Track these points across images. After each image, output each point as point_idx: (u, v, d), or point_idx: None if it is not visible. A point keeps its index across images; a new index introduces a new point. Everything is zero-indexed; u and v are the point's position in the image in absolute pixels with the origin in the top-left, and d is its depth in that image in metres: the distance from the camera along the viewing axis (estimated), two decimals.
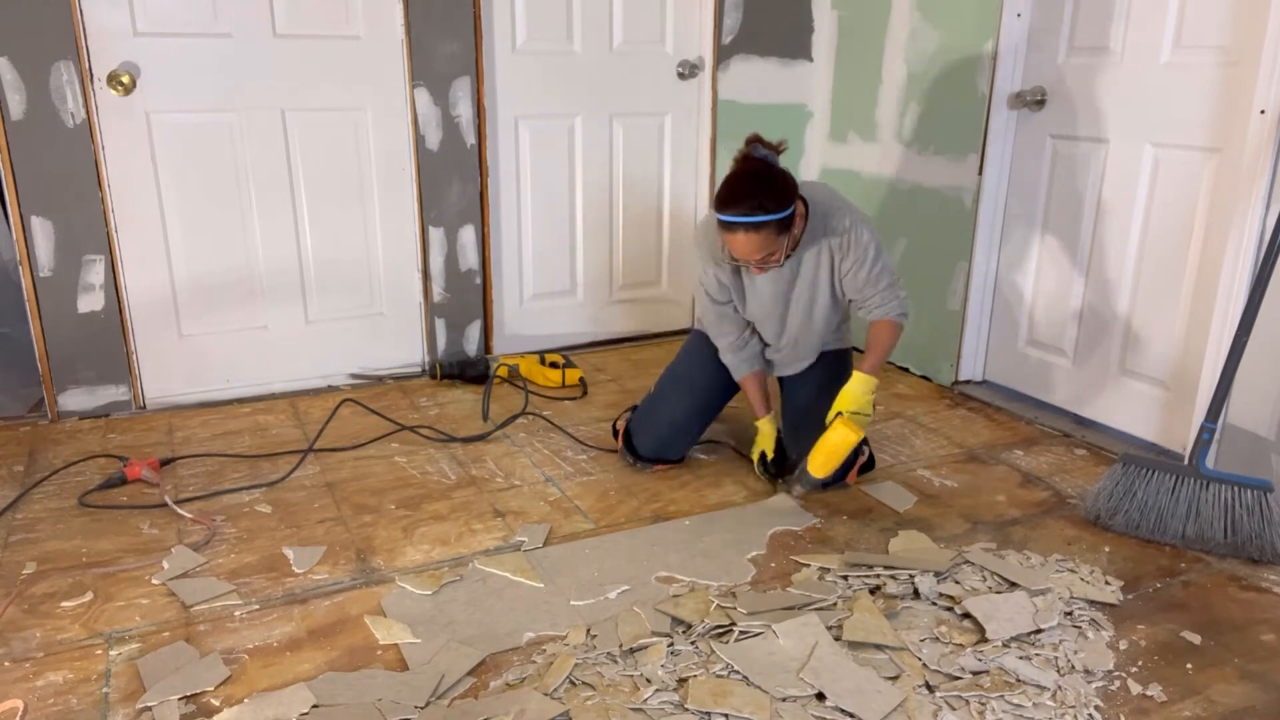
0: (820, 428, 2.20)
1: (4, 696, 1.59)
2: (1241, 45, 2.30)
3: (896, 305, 2.25)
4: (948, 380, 3.17)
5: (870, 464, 2.46)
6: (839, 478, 2.33)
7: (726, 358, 2.42)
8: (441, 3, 2.93)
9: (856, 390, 2.15)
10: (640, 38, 3.30)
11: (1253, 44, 2.26)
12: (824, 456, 2.16)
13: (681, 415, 2.45)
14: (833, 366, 2.44)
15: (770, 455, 2.40)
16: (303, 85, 2.86)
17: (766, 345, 2.45)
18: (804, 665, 1.66)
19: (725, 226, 2.04)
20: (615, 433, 2.60)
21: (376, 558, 2.05)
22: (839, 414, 2.15)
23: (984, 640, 1.75)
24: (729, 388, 2.49)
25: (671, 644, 1.73)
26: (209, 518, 2.20)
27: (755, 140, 2.09)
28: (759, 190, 2.00)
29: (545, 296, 3.39)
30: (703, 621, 1.79)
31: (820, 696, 1.59)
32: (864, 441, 2.37)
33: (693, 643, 1.74)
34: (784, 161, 3.83)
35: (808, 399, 2.39)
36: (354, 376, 3.14)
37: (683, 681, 1.62)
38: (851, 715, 1.55)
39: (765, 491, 2.38)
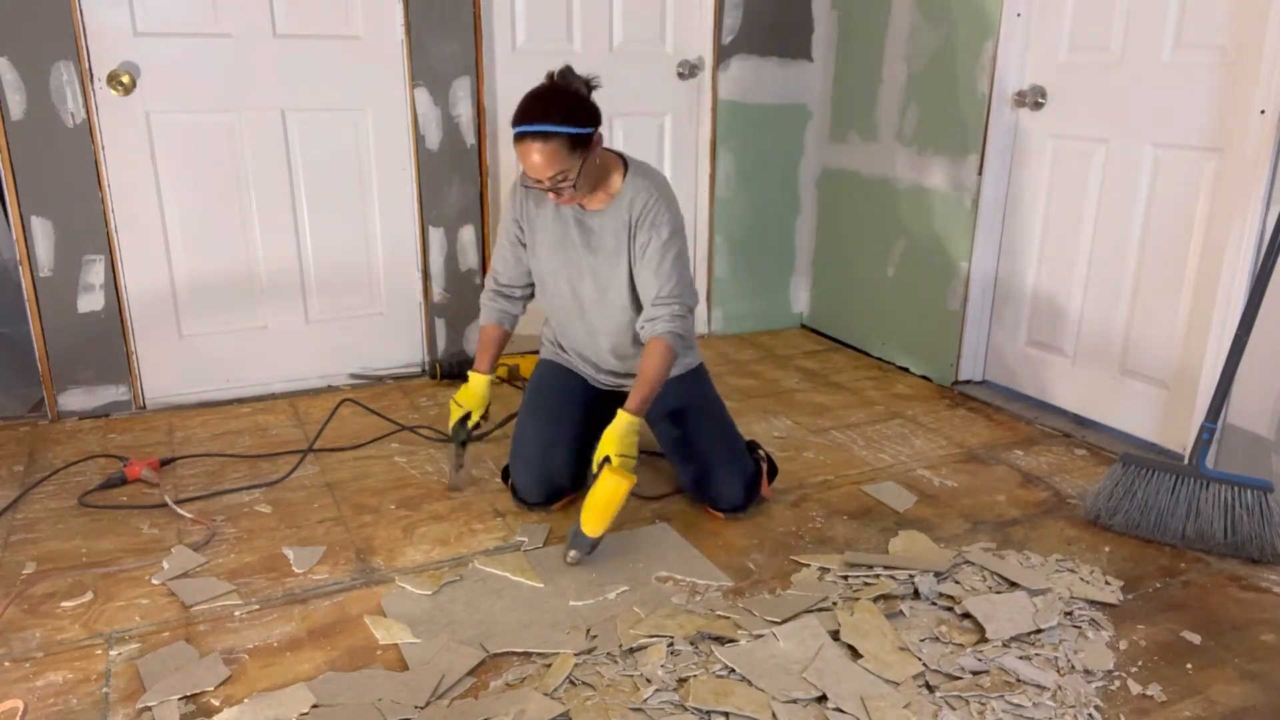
0: (714, 451, 2.15)
1: (4, 696, 1.59)
2: (1241, 45, 2.30)
3: (666, 320, 2.07)
4: (948, 380, 3.17)
5: (774, 468, 2.31)
6: (748, 500, 2.20)
7: (484, 297, 2.32)
8: (441, 3, 2.93)
9: (619, 431, 1.98)
10: (640, 38, 3.30)
11: (1253, 44, 2.26)
12: (597, 514, 1.93)
13: (550, 431, 2.23)
14: (689, 391, 2.25)
15: (475, 419, 2.26)
16: (303, 85, 2.86)
17: (566, 331, 2.29)
18: (806, 667, 1.66)
19: (516, 140, 1.98)
20: (506, 477, 2.35)
21: (376, 558, 2.05)
22: (605, 460, 1.96)
23: (984, 640, 1.75)
24: (591, 398, 2.31)
25: (671, 644, 1.73)
26: (209, 518, 2.19)
27: (567, 68, 2.04)
28: (551, 103, 1.96)
29: None
30: (697, 633, 1.79)
31: (822, 699, 1.59)
32: (758, 447, 2.28)
33: (693, 643, 1.74)
34: (783, 161, 3.87)
35: (677, 434, 2.22)
36: (354, 376, 3.14)
37: (682, 682, 1.62)
38: (854, 718, 1.55)
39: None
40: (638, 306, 2.19)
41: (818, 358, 3.49)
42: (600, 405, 2.28)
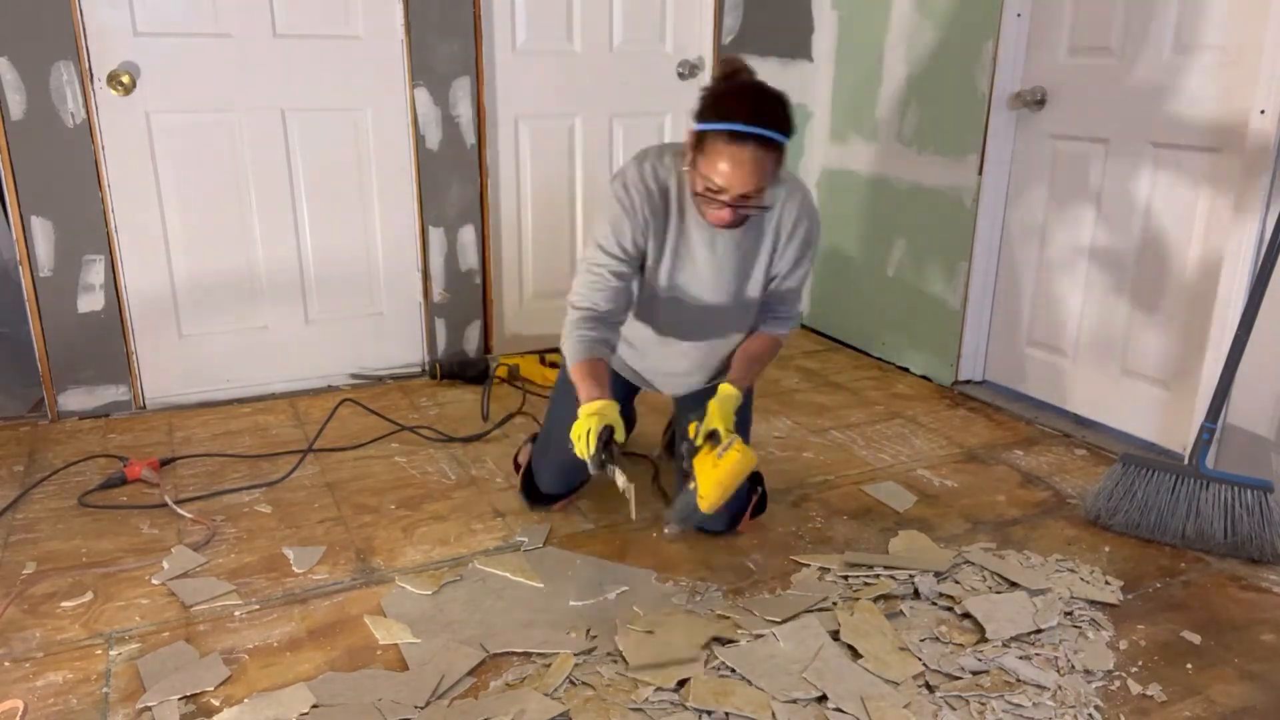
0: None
1: (4, 696, 1.59)
2: (1241, 45, 2.30)
3: (791, 323, 2.07)
4: (948, 380, 3.17)
5: (763, 504, 2.18)
6: (731, 524, 2.09)
7: (579, 329, 1.93)
8: (441, 3, 2.92)
9: (727, 403, 1.85)
10: (640, 38, 3.30)
11: (1253, 44, 2.26)
12: (721, 489, 1.77)
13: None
14: (739, 408, 2.02)
15: (621, 436, 1.87)
16: (303, 85, 2.86)
17: (662, 339, 2.07)
18: (806, 667, 1.66)
19: (733, 138, 1.68)
20: (517, 467, 2.30)
21: (376, 558, 2.05)
22: (712, 433, 1.81)
23: (984, 640, 1.75)
24: (619, 395, 2.00)
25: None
26: (209, 518, 2.19)
27: (739, 59, 1.84)
28: (779, 107, 1.72)
29: (545, 296, 3.38)
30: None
31: (822, 699, 1.59)
32: (758, 479, 2.15)
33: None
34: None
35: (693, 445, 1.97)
36: (354, 376, 3.14)
37: (683, 683, 1.62)
38: (854, 718, 1.55)
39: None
40: (744, 321, 2.05)
41: (818, 358, 3.49)
42: (626, 402, 2.21)
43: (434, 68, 2.97)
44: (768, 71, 3.46)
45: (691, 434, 1.87)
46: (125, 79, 2.60)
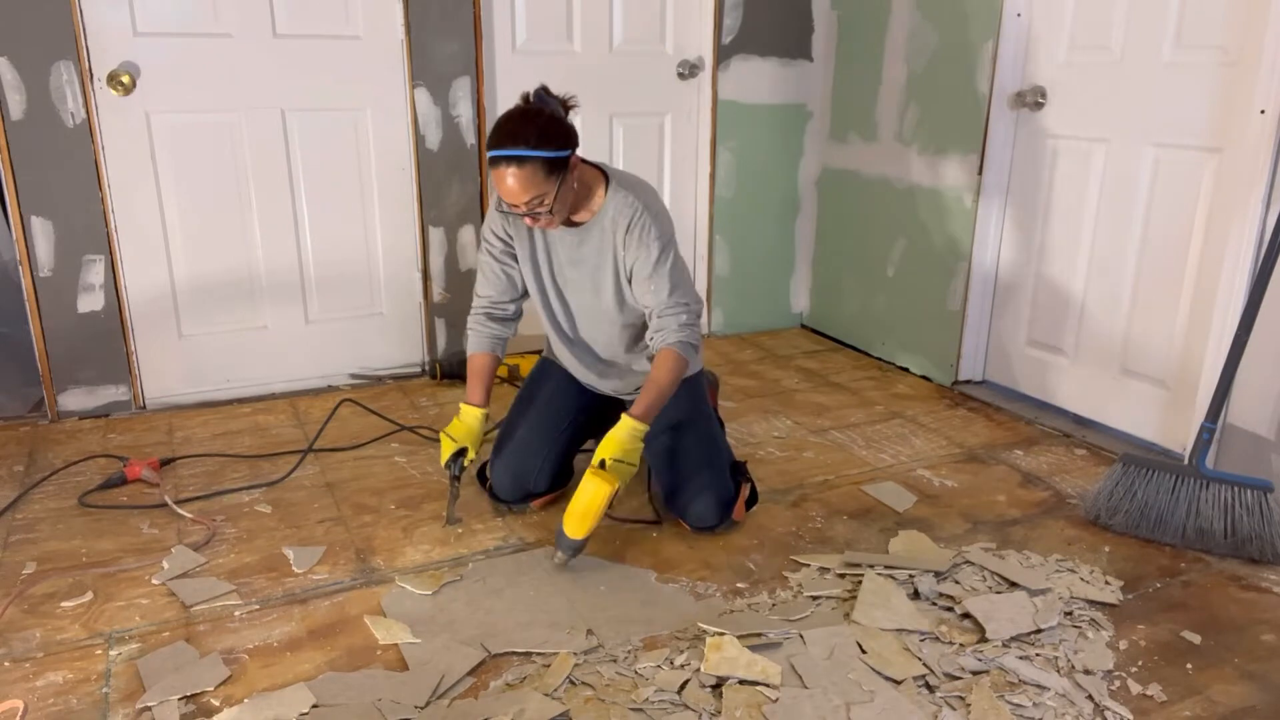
0: (696, 466, 2.11)
1: (4, 696, 1.59)
2: (1242, 45, 2.30)
3: (675, 330, 2.03)
4: (948, 380, 3.17)
5: (754, 497, 2.25)
6: (722, 519, 2.12)
7: (472, 322, 2.22)
8: (441, 3, 2.93)
9: (621, 436, 1.94)
10: (640, 38, 3.30)
11: (1253, 44, 2.26)
12: (576, 516, 1.91)
13: (535, 434, 2.22)
14: (681, 403, 2.15)
15: (471, 456, 2.14)
16: (303, 85, 2.86)
17: (572, 342, 2.25)
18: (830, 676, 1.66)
19: (491, 163, 1.92)
20: (482, 479, 2.33)
21: (376, 558, 2.05)
22: (601, 461, 1.93)
23: (984, 640, 1.75)
24: (585, 403, 2.29)
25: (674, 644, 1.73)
26: (209, 518, 2.19)
27: (542, 89, 1.98)
28: (526, 125, 1.90)
29: None
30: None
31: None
32: (744, 471, 2.22)
33: (692, 644, 1.74)
34: (783, 161, 3.86)
35: (662, 444, 2.16)
36: (354, 376, 3.14)
37: (685, 685, 1.62)
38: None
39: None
40: (629, 320, 2.16)
41: (818, 358, 3.49)
42: (597, 409, 2.28)
43: (434, 68, 2.97)
44: (768, 71, 3.49)
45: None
46: (125, 79, 2.60)
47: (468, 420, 2.14)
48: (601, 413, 2.26)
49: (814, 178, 3.70)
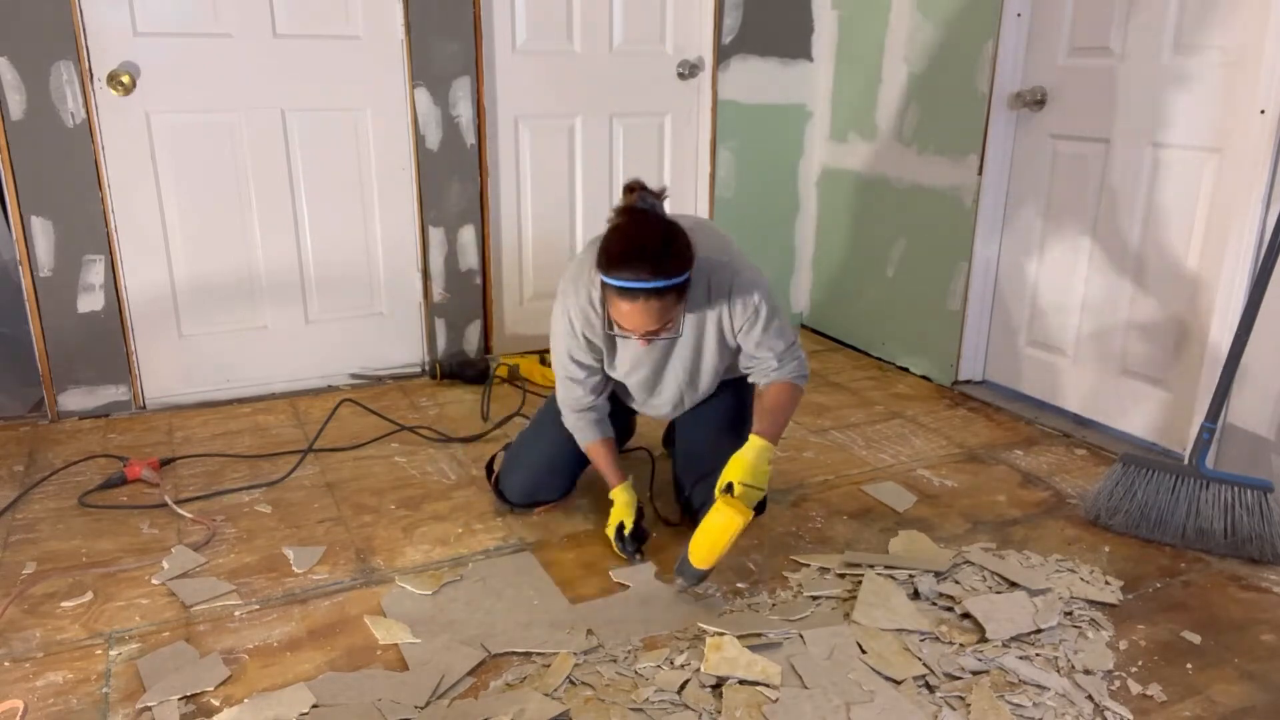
0: (718, 468, 1.94)
1: (4, 696, 1.59)
2: (1241, 45, 2.30)
3: (797, 367, 1.99)
4: (948, 380, 3.17)
5: (762, 507, 2.17)
6: None
7: (571, 419, 2.08)
8: (441, 3, 2.93)
9: (752, 459, 1.83)
10: (640, 38, 3.30)
11: (1253, 44, 2.26)
12: (707, 546, 1.80)
13: (555, 455, 2.16)
14: (732, 400, 2.13)
15: (629, 527, 2.02)
16: (303, 85, 2.86)
17: (631, 399, 2.17)
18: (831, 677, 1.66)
19: (621, 294, 1.71)
20: (489, 472, 2.32)
21: (376, 558, 2.05)
22: (729, 485, 1.83)
23: (984, 640, 1.75)
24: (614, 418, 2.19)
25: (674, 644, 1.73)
26: (209, 518, 2.19)
27: (639, 187, 1.78)
28: (661, 250, 1.70)
29: (545, 296, 3.38)
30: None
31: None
32: None
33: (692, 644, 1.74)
34: (783, 161, 3.87)
35: (705, 441, 2.09)
36: (354, 376, 3.14)
37: (685, 685, 1.62)
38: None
39: None
40: (724, 360, 2.05)
41: (818, 358, 3.49)
42: (619, 419, 2.20)
43: (434, 68, 2.97)
44: (768, 71, 3.49)
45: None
46: (125, 79, 2.60)
47: (618, 500, 2.05)
48: (621, 419, 2.22)
49: (814, 178, 3.70)
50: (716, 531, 1.79)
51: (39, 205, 2.61)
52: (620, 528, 2.02)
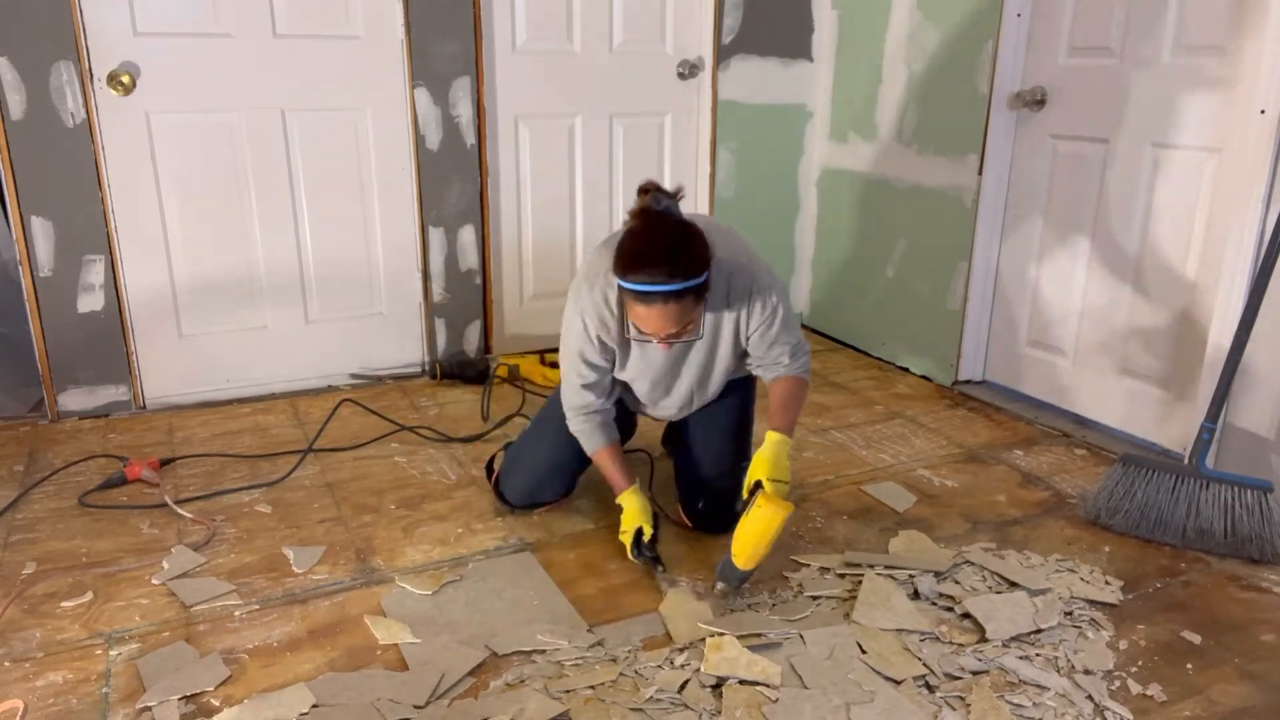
0: (733, 477, 2.00)
1: (4, 696, 1.59)
2: (1242, 45, 2.30)
3: (806, 361, 2.02)
4: (948, 380, 3.17)
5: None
6: (729, 526, 1.94)
7: (578, 423, 2.04)
8: (441, 3, 2.93)
9: (774, 454, 1.85)
10: (640, 38, 3.30)
11: (1253, 44, 2.26)
12: (751, 546, 1.79)
13: (556, 459, 2.15)
14: (738, 403, 2.12)
15: (649, 533, 1.97)
16: (303, 85, 2.86)
17: (639, 403, 2.15)
18: (830, 677, 1.66)
19: (640, 297, 1.69)
20: (489, 472, 2.32)
21: (376, 558, 2.05)
22: (757, 484, 1.83)
23: (984, 640, 1.75)
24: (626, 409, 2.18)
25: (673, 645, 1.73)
26: (209, 518, 2.19)
27: (654, 188, 1.75)
28: (678, 253, 1.68)
29: (545, 296, 3.39)
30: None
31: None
32: (760, 486, 2.10)
33: (692, 645, 1.74)
34: (783, 161, 3.87)
35: (716, 448, 2.09)
36: (354, 376, 3.14)
37: (685, 684, 1.62)
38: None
39: None
40: (735, 362, 2.06)
41: (818, 358, 3.49)
42: (619, 420, 2.17)
43: (434, 68, 2.97)
44: (768, 71, 3.49)
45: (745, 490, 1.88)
46: (125, 79, 2.60)
47: (631, 505, 2.01)
48: (622, 421, 2.20)
49: (814, 178, 3.70)
50: (761, 529, 1.78)
51: (39, 205, 2.61)
52: (639, 534, 1.97)
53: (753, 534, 1.79)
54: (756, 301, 1.92)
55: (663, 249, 1.68)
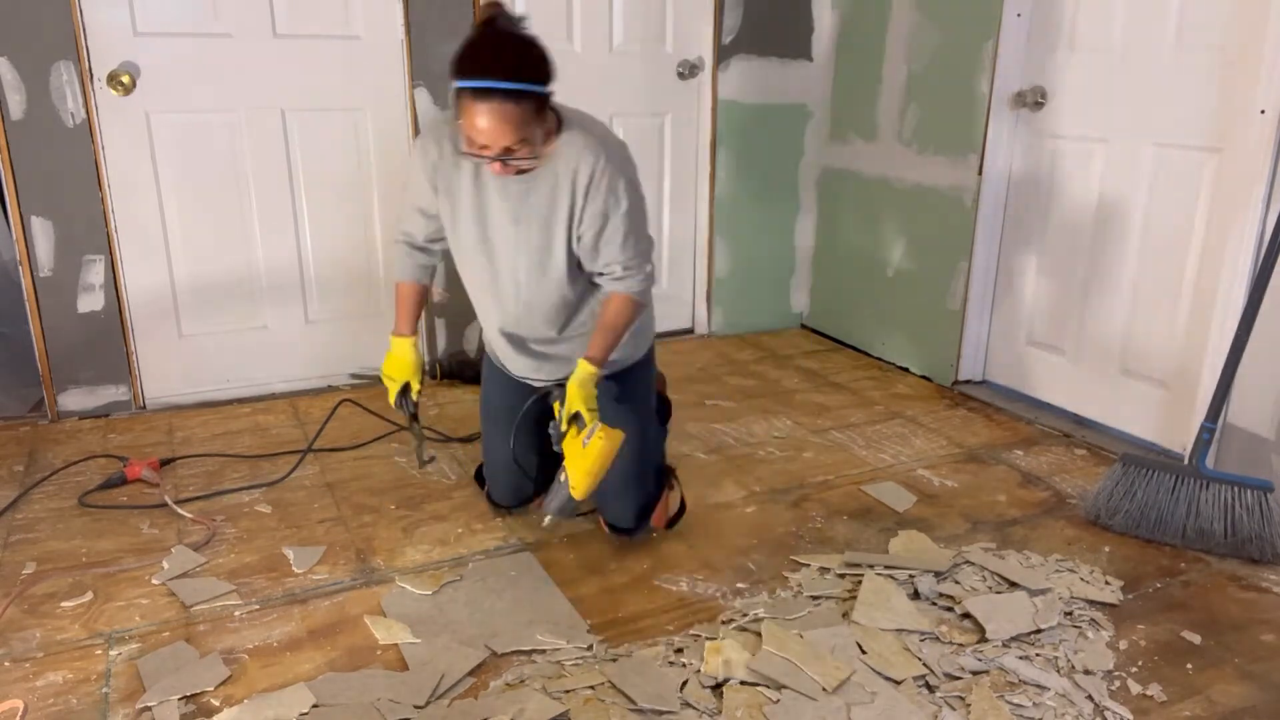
0: (623, 471, 1.91)
1: (4, 696, 1.59)
2: (1241, 45, 2.30)
3: (639, 281, 1.88)
4: (948, 380, 3.17)
5: (682, 508, 2.16)
6: (640, 524, 2.04)
7: (398, 251, 2.04)
8: (441, 3, 2.92)
9: (583, 380, 1.82)
10: (640, 38, 3.30)
11: (1253, 44, 2.26)
12: (593, 476, 1.80)
13: (503, 456, 2.10)
14: (635, 440, 1.94)
15: (416, 390, 2.01)
16: (303, 85, 2.86)
17: (480, 304, 2.04)
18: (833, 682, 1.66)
19: (476, 95, 1.62)
20: (480, 481, 2.31)
21: (376, 558, 2.05)
22: (576, 414, 1.82)
23: (984, 640, 1.75)
24: (544, 406, 2.02)
25: (673, 644, 1.73)
26: (209, 518, 2.19)
27: (497, 4, 1.70)
28: (521, 57, 1.64)
29: None
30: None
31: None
32: (670, 478, 2.13)
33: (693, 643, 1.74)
34: (783, 161, 3.86)
35: (614, 477, 1.90)
36: (354, 376, 3.14)
37: (685, 685, 1.62)
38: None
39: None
40: (575, 293, 1.94)
41: (818, 358, 3.49)
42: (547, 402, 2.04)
43: (434, 68, 2.97)
44: (768, 71, 3.48)
45: (556, 415, 1.86)
46: (125, 79, 2.60)
47: (400, 354, 2.02)
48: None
49: (814, 178, 3.70)
50: (601, 457, 1.81)
51: (39, 205, 2.61)
52: (406, 388, 2.02)
53: (593, 465, 1.81)
54: (603, 177, 1.79)
55: (501, 49, 1.66)
